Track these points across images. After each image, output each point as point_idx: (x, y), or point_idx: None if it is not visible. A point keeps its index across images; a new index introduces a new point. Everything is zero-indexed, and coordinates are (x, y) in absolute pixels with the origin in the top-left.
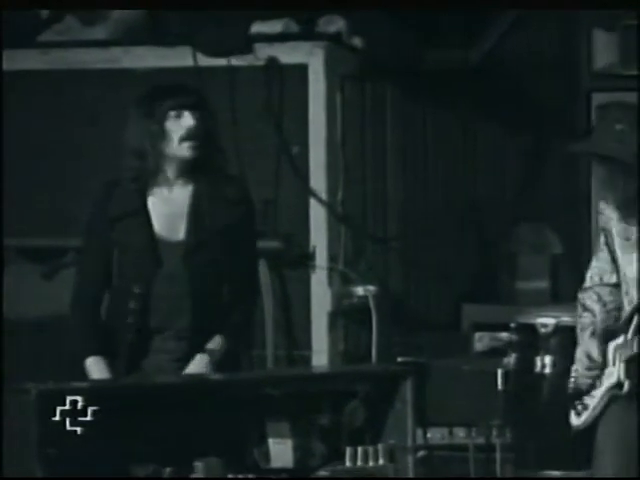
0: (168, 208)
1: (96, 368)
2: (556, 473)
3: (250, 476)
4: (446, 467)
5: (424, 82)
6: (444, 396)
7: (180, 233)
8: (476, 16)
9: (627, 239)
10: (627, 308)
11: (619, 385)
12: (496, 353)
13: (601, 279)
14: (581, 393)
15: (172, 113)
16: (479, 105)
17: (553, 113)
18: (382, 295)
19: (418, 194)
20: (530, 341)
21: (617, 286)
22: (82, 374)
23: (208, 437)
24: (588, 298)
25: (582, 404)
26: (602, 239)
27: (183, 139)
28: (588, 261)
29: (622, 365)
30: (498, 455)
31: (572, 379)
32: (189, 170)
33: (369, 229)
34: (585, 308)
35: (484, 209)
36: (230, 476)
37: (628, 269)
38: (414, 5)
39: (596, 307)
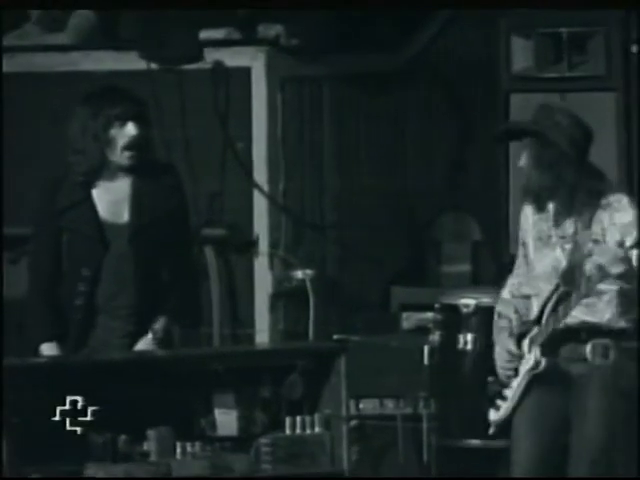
0: (111, 195)
1: (50, 353)
2: (476, 442)
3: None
4: (376, 435)
5: (358, 82)
6: (375, 370)
7: (124, 217)
8: (407, 21)
9: (540, 238)
10: (535, 304)
11: (536, 364)
12: (422, 331)
13: (519, 290)
14: (500, 388)
15: (117, 122)
16: (409, 103)
17: (476, 111)
18: (319, 278)
19: (352, 186)
20: (453, 320)
21: (529, 298)
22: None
23: (160, 408)
24: (505, 309)
25: (501, 397)
26: (521, 252)
27: (125, 148)
28: (505, 246)
29: (538, 349)
30: (424, 424)
31: (490, 382)
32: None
33: (307, 218)
34: (501, 316)
35: (412, 199)
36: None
37: (538, 266)
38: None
39: (513, 316)
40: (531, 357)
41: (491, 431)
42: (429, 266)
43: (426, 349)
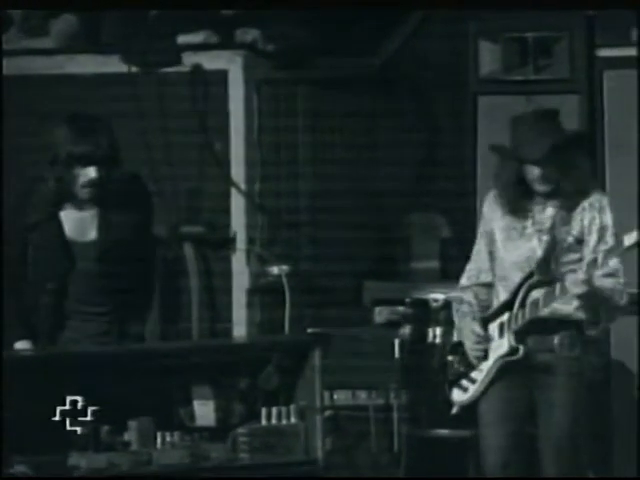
0: (78, 214)
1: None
2: (445, 431)
3: None
4: (349, 425)
5: (332, 86)
6: (348, 363)
7: (91, 235)
8: (378, 26)
9: (514, 229)
10: (503, 293)
11: (513, 351)
12: (393, 325)
13: (477, 278)
14: (464, 369)
15: (78, 165)
16: (381, 105)
17: (445, 113)
18: (294, 274)
19: (326, 185)
20: (423, 314)
21: (489, 286)
22: None
23: (141, 400)
24: (465, 295)
25: (469, 379)
26: (483, 241)
27: (84, 186)
28: (473, 243)
29: (511, 335)
30: (395, 415)
31: (450, 368)
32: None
33: (283, 216)
34: (462, 301)
35: (384, 199)
36: None
37: (510, 256)
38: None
39: (474, 301)
40: (504, 343)
41: (454, 411)
42: (400, 262)
43: (397, 342)
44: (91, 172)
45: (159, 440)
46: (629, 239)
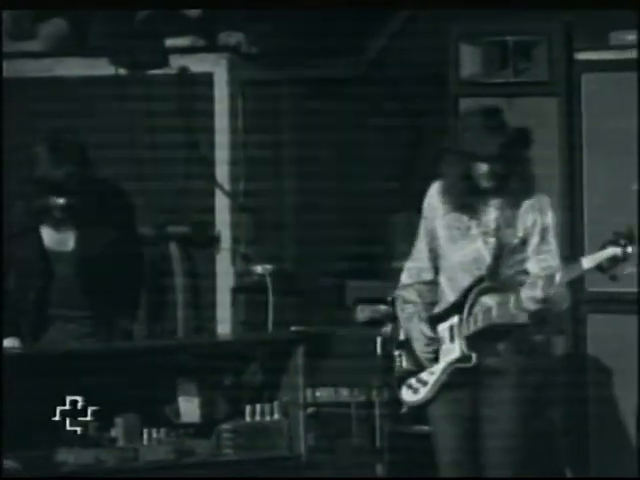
0: (56, 226)
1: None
2: (424, 427)
3: None
4: (332, 421)
5: (315, 87)
6: (331, 360)
7: (69, 245)
8: (362, 29)
9: (458, 228)
10: (449, 292)
11: (465, 358)
12: (375, 323)
13: (419, 276)
14: (414, 368)
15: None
16: (364, 105)
17: (426, 115)
18: (278, 273)
19: (310, 184)
20: None
21: (432, 283)
22: None
23: (127, 396)
24: (408, 294)
25: (420, 381)
26: (425, 239)
27: (58, 209)
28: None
29: (463, 341)
30: (377, 411)
31: (397, 363)
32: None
33: (267, 216)
34: (406, 301)
35: (366, 200)
36: None
37: (455, 255)
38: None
39: (417, 299)
40: (455, 348)
41: (403, 410)
42: (382, 262)
43: (379, 340)
44: (63, 200)
45: (145, 436)
46: (587, 262)
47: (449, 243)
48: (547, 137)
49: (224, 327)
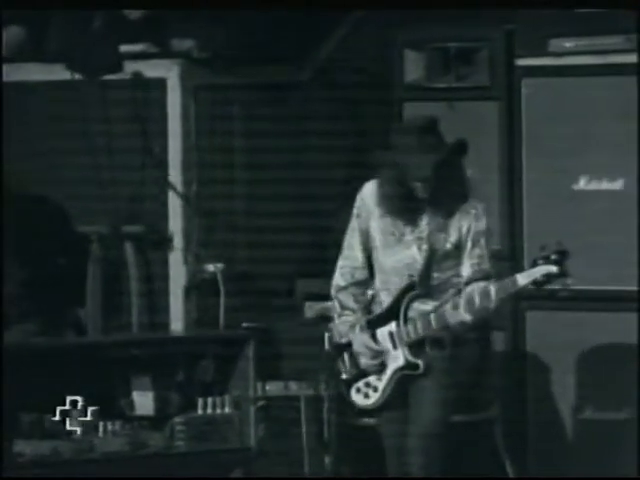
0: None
1: None
2: (370, 420)
3: None
4: (281, 415)
5: (266, 91)
6: (280, 355)
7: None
8: (310, 34)
9: (393, 234)
10: (384, 297)
11: (411, 366)
12: (323, 319)
13: (352, 276)
14: (363, 373)
15: None
16: (312, 111)
17: (371, 119)
18: (228, 271)
19: (261, 187)
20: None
21: (366, 282)
22: None
23: (83, 390)
24: (345, 298)
25: (371, 387)
26: (357, 238)
27: None
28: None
29: (405, 349)
30: (325, 405)
31: (342, 366)
32: None
33: (218, 216)
34: (343, 307)
35: (315, 200)
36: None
37: (389, 260)
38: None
39: (354, 305)
40: (399, 355)
41: (357, 413)
42: (329, 260)
43: (326, 336)
44: None
45: (101, 429)
46: (523, 279)
47: (384, 248)
48: (487, 141)
49: (177, 324)
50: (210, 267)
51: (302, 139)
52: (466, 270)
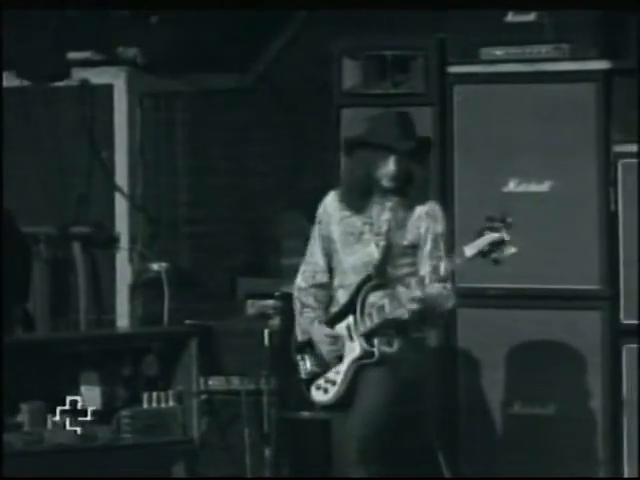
0: None
1: None
2: (308, 414)
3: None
4: (223, 408)
5: (209, 97)
6: (222, 351)
7: None
8: (251, 43)
9: (352, 233)
10: (342, 294)
11: (367, 354)
12: (264, 316)
13: (313, 279)
14: (321, 370)
15: None
16: (254, 116)
17: (310, 123)
18: (172, 270)
19: (203, 189)
20: (291, 307)
21: (327, 285)
22: None
23: (33, 385)
24: (305, 298)
25: (328, 381)
26: (318, 243)
27: None
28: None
29: (362, 339)
30: (265, 399)
31: (302, 366)
32: None
33: (163, 218)
34: (304, 305)
35: (256, 201)
36: None
37: (348, 260)
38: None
39: (314, 304)
40: (356, 346)
41: (318, 408)
42: (270, 259)
43: (267, 332)
44: None
45: (50, 422)
46: (470, 250)
47: (344, 248)
48: None
49: (123, 321)
50: (155, 266)
51: (244, 142)
52: (424, 269)
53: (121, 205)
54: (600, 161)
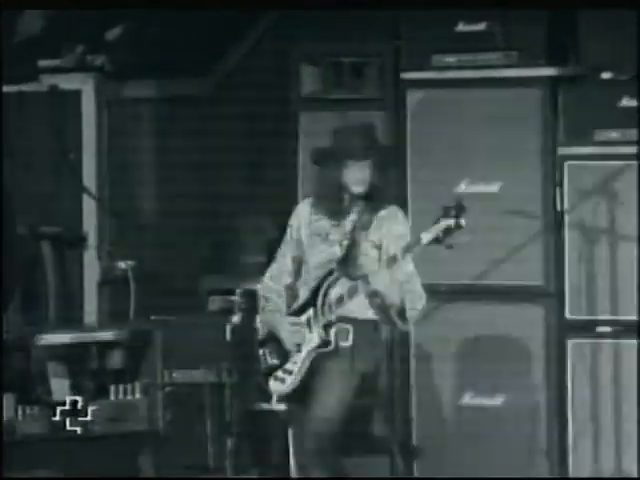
0: None
1: None
2: (267, 405)
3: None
4: (187, 400)
5: (173, 103)
6: (186, 345)
7: None
8: (210, 49)
9: (319, 234)
10: (303, 292)
11: (324, 343)
12: (225, 312)
13: (280, 278)
14: (280, 361)
15: None
16: (216, 120)
17: (271, 128)
18: (138, 268)
19: (168, 191)
20: (251, 303)
21: (292, 286)
22: None
23: (3, 378)
24: (269, 294)
25: (285, 371)
26: (289, 247)
27: None
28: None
29: (320, 329)
30: (227, 391)
31: (263, 360)
32: None
33: (129, 217)
34: (268, 300)
35: (218, 202)
36: None
37: (313, 259)
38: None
39: (278, 300)
40: (314, 337)
41: (275, 400)
42: (232, 257)
43: (228, 327)
44: None
45: (20, 413)
46: (426, 236)
47: (311, 249)
48: None
49: (91, 317)
50: (121, 264)
51: (207, 146)
52: (382, 271)
53: (89, 205)
54: (546, 163)
